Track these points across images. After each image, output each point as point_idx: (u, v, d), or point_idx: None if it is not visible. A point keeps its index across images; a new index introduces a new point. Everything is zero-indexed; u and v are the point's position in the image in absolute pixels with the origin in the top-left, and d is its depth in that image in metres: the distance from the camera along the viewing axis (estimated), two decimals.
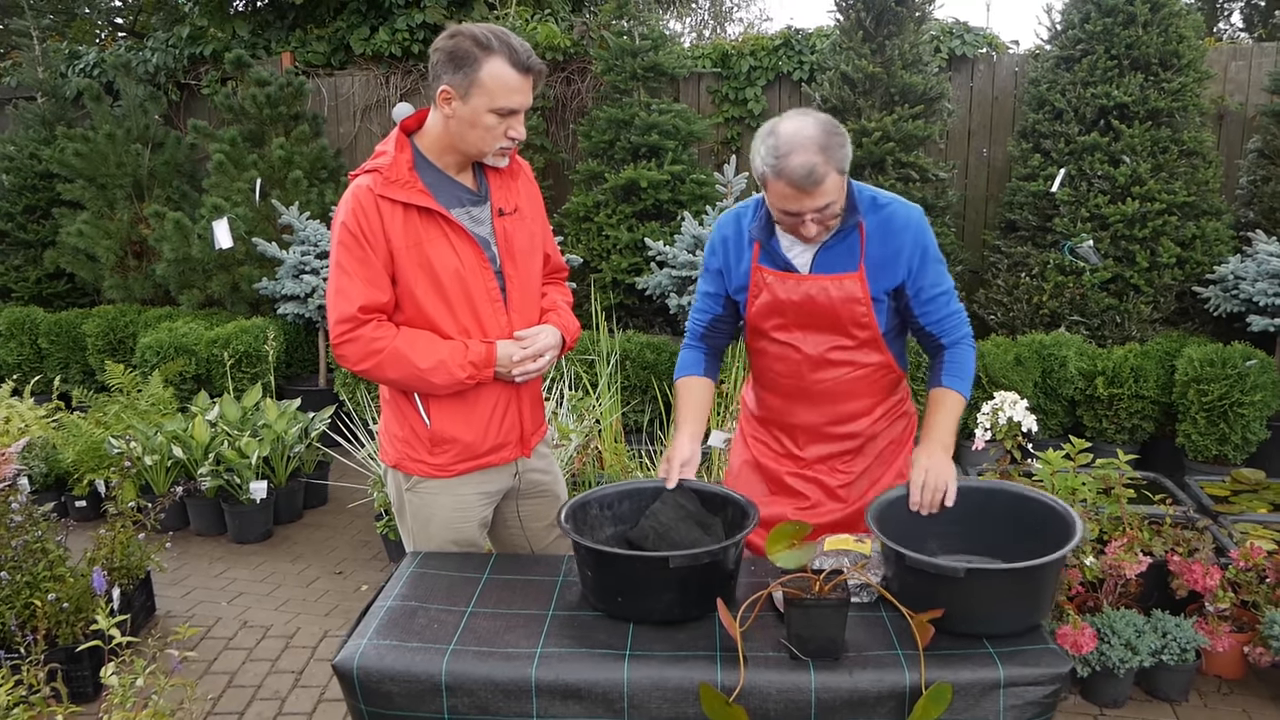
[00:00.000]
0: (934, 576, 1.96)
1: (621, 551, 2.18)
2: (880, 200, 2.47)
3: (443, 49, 2.27)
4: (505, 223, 2.49)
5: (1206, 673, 3.47)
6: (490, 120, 2.30)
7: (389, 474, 2.63)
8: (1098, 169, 5.74)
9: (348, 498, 5.56)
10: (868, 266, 2.45)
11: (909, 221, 2.45)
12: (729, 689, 1.85)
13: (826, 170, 2.23)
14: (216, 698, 3.51)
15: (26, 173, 8.01)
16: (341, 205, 2.37)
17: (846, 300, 2.47)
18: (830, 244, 2.46)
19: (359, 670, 1.94)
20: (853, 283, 2.46)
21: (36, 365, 7.45)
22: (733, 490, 2.40)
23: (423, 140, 2.41)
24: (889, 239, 2.44)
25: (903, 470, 2.66)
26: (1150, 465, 4.96)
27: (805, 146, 2.22)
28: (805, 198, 2.27)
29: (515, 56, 2.27)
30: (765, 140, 2.30)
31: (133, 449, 4.84)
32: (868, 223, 2.45)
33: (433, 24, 8.16)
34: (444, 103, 2.30)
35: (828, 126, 2.27)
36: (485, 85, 2.25)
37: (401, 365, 2.34)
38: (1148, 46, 5.67)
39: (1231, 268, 5.45)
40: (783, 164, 2.24)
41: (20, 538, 3.48)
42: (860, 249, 2.45)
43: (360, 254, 2.32)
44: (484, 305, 2.44)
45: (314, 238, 6.54)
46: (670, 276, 5.86)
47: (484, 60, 2.24)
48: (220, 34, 8.72)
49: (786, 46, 7.23)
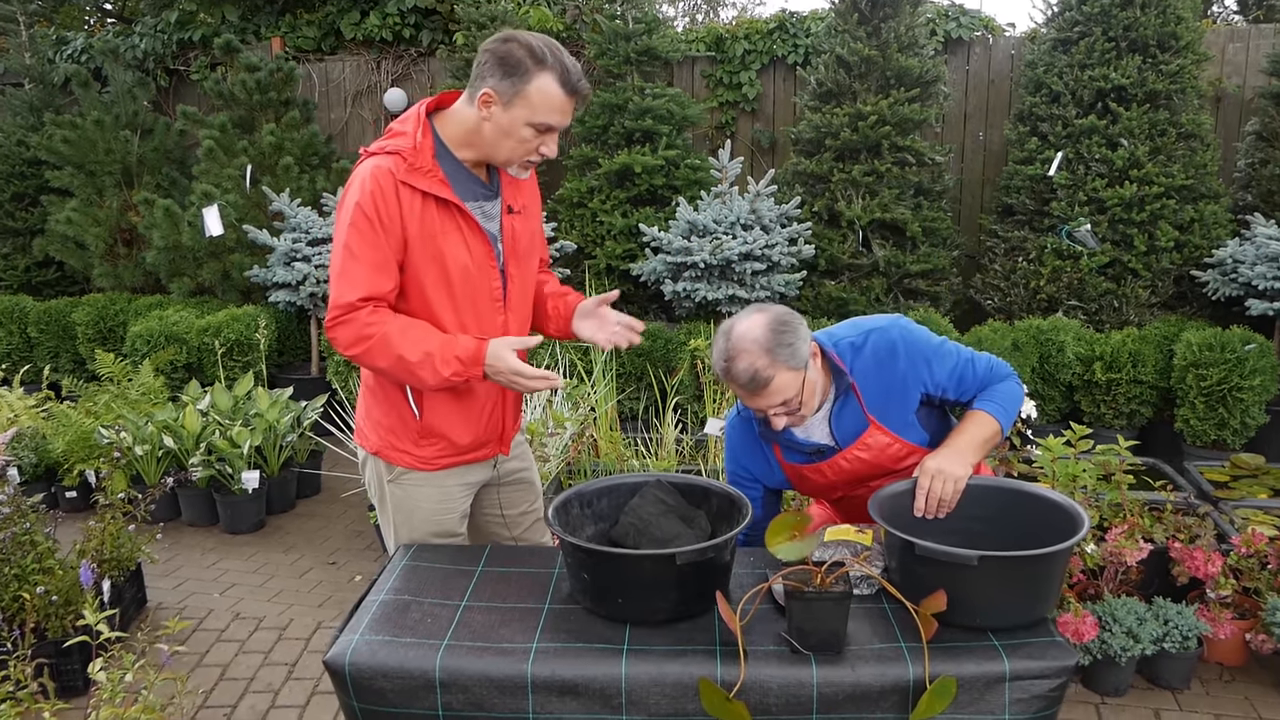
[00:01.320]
0: (942, 565, 1.91)
1: (629, 551, 2.09)
2: (856, 342, 2.44)
3: (494, 52, 2.22)
4: (513, 220, 2.45)
5: (1208, 660, 3.45)
6: (526, 133, 2.26)
7: (369, 461, 2.57)
8: (1095, 152, 5.70)
9: (341, 487, 5.52)
10: (876, 415, 2.44)
11: (891, 342, 2.42)
12: (729, 684, 1.82)
13: (772, 373, 2.25)
14: (208, 691, 3.47)
15: (14, 160, 7.94)
16: (355, 184, 2.27)
17: (881, 452, 2.48)
18: (837, 410, 2.46)
19: (351, 667, 1.91)
20: (875, 436, 2.46)
21: (26, 354, 7.39)
22: (714, 481, 2.35)
23: (445, 128, 2.34)
24: (884, 372, 2.42)
25: None
26: (1149, 450, 4.93)
27: (749, 350, 2.25)
28: (758, 398, 2.31)
29: (566, 76, 2.23)
30: (718, 341, 2.33)
31: (123, 439, 4.79)
32: (856, 372, 2.43)
33: (424, 8, 8.08)
34: (484, 105, 2.24)
35: (776, 326, 2.27)
36: (530, 98, 2.21)
37: (389, 354, 2.26)
38: (1145, 28, 5.63)
39: (1230, 251, 5.42)
40: (729, 368, 2.28)
41: (8, 529, 3.44)
42: (860, 404, 2.44)
43: (373, 238, 2.24)
44: (485, 303, 2.40)
45: (305, 224, 6.48)
46: (665, 263, 5.81)
47: (535, 73, 2.20)
48: (209, 19, 8.63)
49: (781, 30, 7.17)
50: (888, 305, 6.00)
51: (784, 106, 7.32)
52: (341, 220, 2.29)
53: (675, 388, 5.28)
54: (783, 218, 5.90)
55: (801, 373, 2.30)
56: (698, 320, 5.93)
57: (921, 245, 6.08)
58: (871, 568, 2.11)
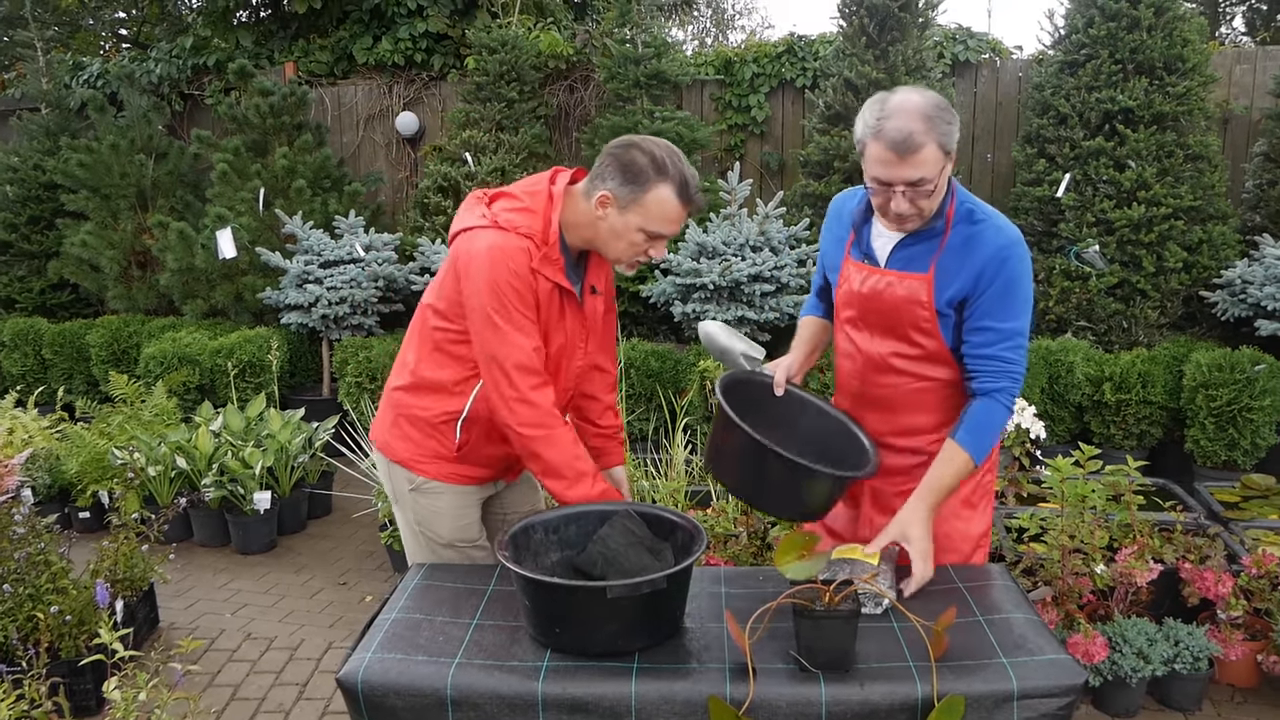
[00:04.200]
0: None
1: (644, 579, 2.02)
2: (977, 215, 2.36)
3: (617, 157, 2.28)
4: (595, 301, 2.53)
5: (1220, 681, 3.44)
6: (638, 238, 2.33)
7: (392, 468, 2.59)
8: (1103, 174, 5.72)
9: (352, 508, 5.54)
10: (938, 273, 2.36)
11: (994, 246, 2.32)
12: (738, 702, 1.83)
13: (925, 139, 2.19)
14: (220, 711, 3.48)
15: (31, 184, 8.01)
16: (493, 261, 2.29)
17: (909, 301, 2.39)
18: (909, 241, 2.39)
19: (363, 684, 1.92)
20: (919, 284, 2.37)
21: (40, 376, 7.44)
22: (679, 513, 2.29)
23: (566, 212, 2.38)
24: (968, 255, 2.34)
25: (968, 497, 2.55)
26: (1159, 471, 4.93)
27: (908, 113, 2.19)
28: (900, 165, 2.22)
29: (685, 189, 2.29)
30: (872, 106, 2.26)
31: (136, 460, 4.82)
32: (954, 233, 2.36)
33: (435, 33, 8.17)
34: (600, 206, 2.31)
35: (938, 102, 2.23)
36: (648, 207, 2.28)
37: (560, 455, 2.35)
38: (1152, 51, 5.65)
39: (1238, 272, 5.42)
40: (882, 125, 2.21)
41: (23, 550, 3.46)
42: (936, 253, 2.36)
43: (528, 306, 2.31)
44: (565, 380, 2.51)
45: (317, 247, 6.54)
46: (675, 284, 5.84)
47: (655, 184, 2.27)
48: (224, 44, 8.73)
49: (789, 53, 7.22)
50: None
51: (792, 129, 7.36)
52: (484, 294, 2.30)
53: (685, 409, 5.29)
54: (791, 239, 5.93)
55: (946, 159, 2.26)
56: None
57: None
58: (880, 586, 2.11)
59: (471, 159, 6.88)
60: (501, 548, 2.09)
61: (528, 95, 7.25)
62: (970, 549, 2.54)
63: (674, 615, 2.06)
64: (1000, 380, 2.35)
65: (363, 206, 7.23)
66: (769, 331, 6.04)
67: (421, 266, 6.55)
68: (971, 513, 2.55)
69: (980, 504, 2.57)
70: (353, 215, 6.87)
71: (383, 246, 6.74)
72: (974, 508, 2.55)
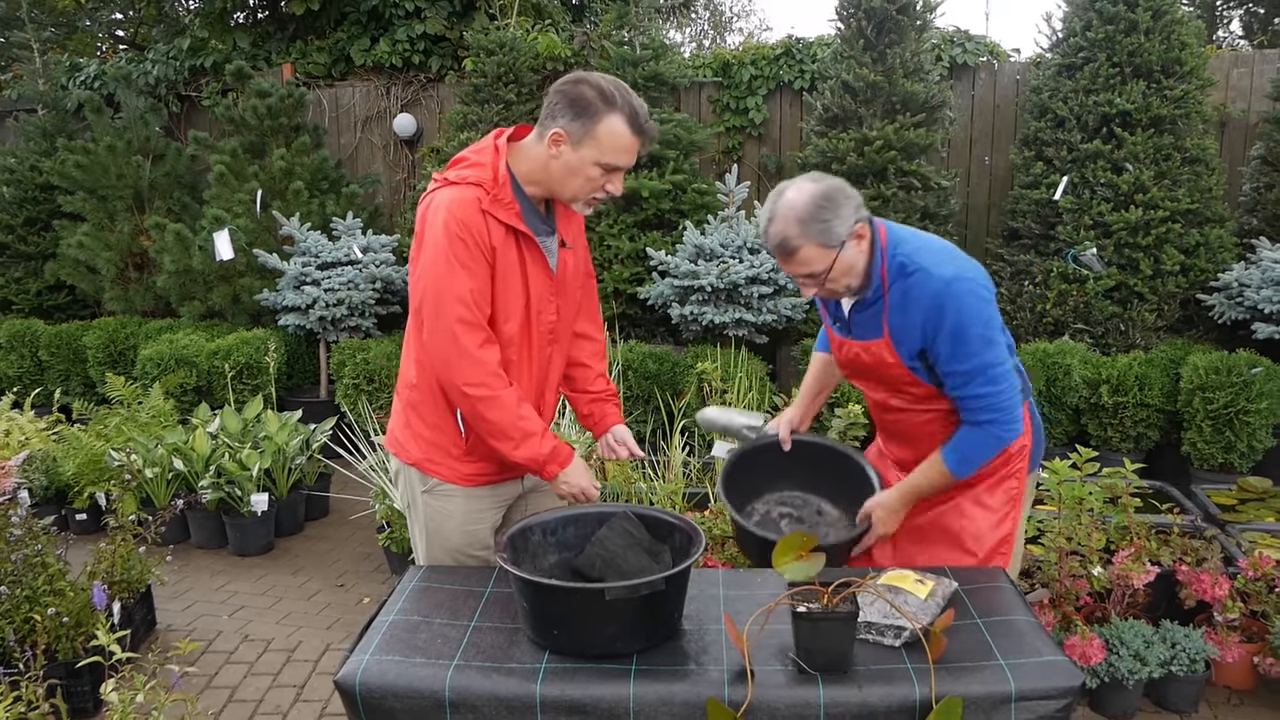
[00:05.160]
0: None
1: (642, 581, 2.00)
2: (909, 268, 2.37)
3: (565, 93, 2.30)
4: (566, 255, 2.52)
5: (1216, 683, 3.44)
6: (594, 172, 2.33)
7: (404, 471, 2.58)
8: (1100, 176, 5.73)
9: (349, 510, 5.53)
10: (891, 332, 2.42)
11: (927, 295, 2.33)
12: (736, 704, 1.83)
13: (799, 243, 2.29)
14: (218, 713, 3.48)
15: (27, 185, 8.01)
16: (441, 211, 2.30)
17: (880, 364, 2.49)
18: (859, 306, 2.47)
19: (361, 686, 1.92)
20: (879, 347, 2.46)
21: (37, 378, 7.43)
22: (677, 515, 2.30)
23: (518, 164, 2.39)
24: (908, 310, 2.38)
25: (980, 497, 2.60)
26: (1156, 474, 4.93)
27: (785, 218, 2.30)
28: (787, 263, 2.37)
29: (635, 117, 2.30)
30: (767, 203, 2.38)
31: (133, 461, 4.82)
32: (893, 291, 2.39)
33: (433, 34, 8.17)
34: (553, 144, 2.31)
35: (819, 200, 2.29)
36: (599, 139, 2.29)
37: (504, 415, 2.35)
38: (1150, 54, 5.67)
39: (1235, 275, 5.43)
40: (767, 229, 2.35)
41: (20, 551, 3.46)
42: (884, 314, 2.42)
43: (474, 254, 2.29)
44: (539, 336, 2.49)
45: (315, 248, 6.53)
46: (672, 286, 5.84)
47: (605, 115, 2.28)
48: (221, 45, 8.72)
49: (787, 55, 7.23)
50: None
51: (790, 131, 7.37)
52: (430, 240, 2.31)
53: (683, 410, 5.29)
54: None
55: (833, 251, 2.31)
56: (705, 343, 5.95)
57: None
58: (914, 618, 1.98)
59: None
60: (500, 550, 2.10)
61: (525, 97, 7.25)
62: (984, 551, 2.56)
63: (672, 617, 2.07)
64: (981, 415, 2.40)
65: (360, 208, 7.23)
66: (766, 334, 6.05)
67: None
68: (984, 512, 2.57)
69: (999, 507, 2.58)
70: (350, 217, 6.87)
71: (380, 248, 6.74)
72: (987, 508, 2.57)
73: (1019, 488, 2.61)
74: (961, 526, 2.55)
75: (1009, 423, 2.40)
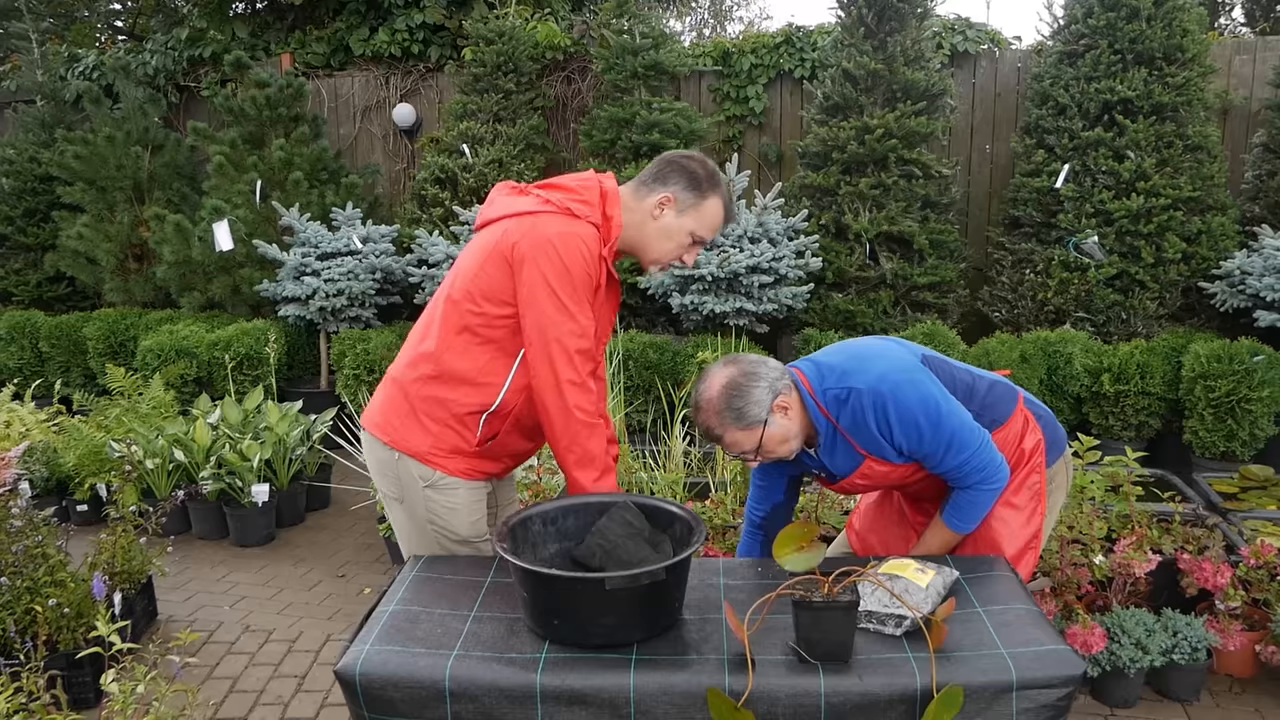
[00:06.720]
0: None
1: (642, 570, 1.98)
2: (842, 394, 2.44)
3: (681, 165, 2.50)
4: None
5: (1218, 672, 3.44)
6: (686, 240, 2.52)
7: (404, 462, 2.52)
8: (1102, 164, 5.71)
9: (350, 500, 5.53)
10: (867, 448, 2.48)
11: (867, 409, 2.41)
12: (737, 693, 1.83)
13: (720, 431, 2.41)
14: (219, 703, 3.48)
15: (26, 176, 8.00)
16: (573, 240, 2.37)
17: (881, 477, 2.55)
18: (827, 451, 2.52)
19: (361, 677, 1.92)
20: (870, 467, 2.51)
21: (37, 369, 7.44)
22: (677, 505, 2.30)
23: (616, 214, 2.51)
24: (861, 426, 2.44)
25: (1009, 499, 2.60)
26: (1157, 462, 4.92)
27: (704, 408, 2.42)
28: (720, 446, 2.48)
29: (730, 203, 2.56)
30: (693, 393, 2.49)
31: (134, 452, 4.81)
32: (841, 419, 2.46)
33: (432, 24, 8.14)
34: (659, 206, 2.49)
35: (729, 389, 2.39)
36: (703, 213, 2.50)
37: (599, 446, 2.45)
38: (1152, 41, 5.64)
39: (1238, 263, 5.41)
40: (695, 416, 2.47)
41: (21, 542, 3.46)
42: (849, 440, 2.48)
43: (592, 289, 2.42)
44: (599, 370, 2.62)
45: (314, 239, 6.52)
46: (672, 275, 5.83)
47: (711, 194, 2.50)
48: (219, 36, 8.70)
49: (788, 44, 7.20)
50: (895, 318, 6.01)
51: (791, 120, 7.35)
52: (559, 271, 2.36)
53: (683, 400, 5.29)
54: (790, 231, 5.92)
55: (756, 429, 2.39)
56: (705, 333, 5.94)
57: (929, 258, 6.09)
58: (912, 606, 1.98)
59: (469, 150, 6.86)
60: (500, 539, 2.09)
61: (525, 86, 7.23)
62: (1016, 551, 2.58)
63: (672, 607, 2.06)
64: (966, 481, 2.47)
65: (360, 198, 7.21)
66: (767, 323, 6.04)
67: (419, 258, 6.53)
68: (1014, 513, 2.60)
69: (1025, 504, 2.61)
70: (350, 207, 6.86)
71: (380, 238, 6.73)
72: (1016, 508, 2.60)
73: (1040, 482, 2.65)
74: (998, 531, 2.59)
75: (994, 476, 2.47)
